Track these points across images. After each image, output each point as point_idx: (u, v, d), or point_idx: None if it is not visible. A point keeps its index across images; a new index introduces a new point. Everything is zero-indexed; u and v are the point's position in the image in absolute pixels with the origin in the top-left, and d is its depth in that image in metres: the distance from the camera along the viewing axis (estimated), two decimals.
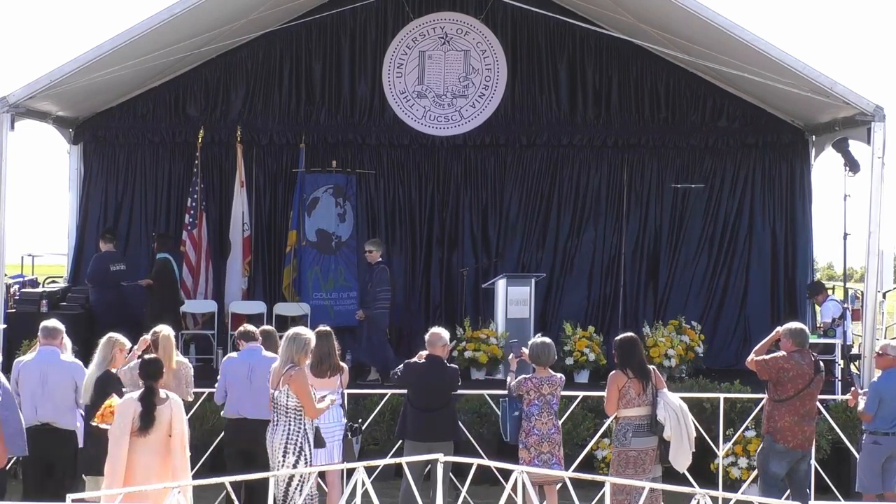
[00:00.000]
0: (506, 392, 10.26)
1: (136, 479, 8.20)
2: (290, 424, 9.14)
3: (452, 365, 10.79)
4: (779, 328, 10.39)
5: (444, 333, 10.41)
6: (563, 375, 10.43)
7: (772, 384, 10.09)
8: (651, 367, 9.98)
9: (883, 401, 10.25)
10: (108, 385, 9.15)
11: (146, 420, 8.29)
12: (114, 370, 9.33)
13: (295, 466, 9.04)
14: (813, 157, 16.63)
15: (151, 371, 8.47)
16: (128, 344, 9.51)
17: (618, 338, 10.06)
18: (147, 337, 9.67)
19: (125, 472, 8.25)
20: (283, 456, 9.10)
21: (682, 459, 9.68)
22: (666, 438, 9.59)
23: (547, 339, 10.33)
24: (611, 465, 9.91)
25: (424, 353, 10.33)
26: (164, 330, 9.54)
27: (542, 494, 10.01)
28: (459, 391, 10.90)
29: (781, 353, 10.15)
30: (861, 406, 10.45)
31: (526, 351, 10.24)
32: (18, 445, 8.98)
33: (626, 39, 15.70)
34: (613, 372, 9.82)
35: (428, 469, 9.95)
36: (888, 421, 10.24)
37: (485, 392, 12.33)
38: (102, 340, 9.44)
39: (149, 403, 8.33)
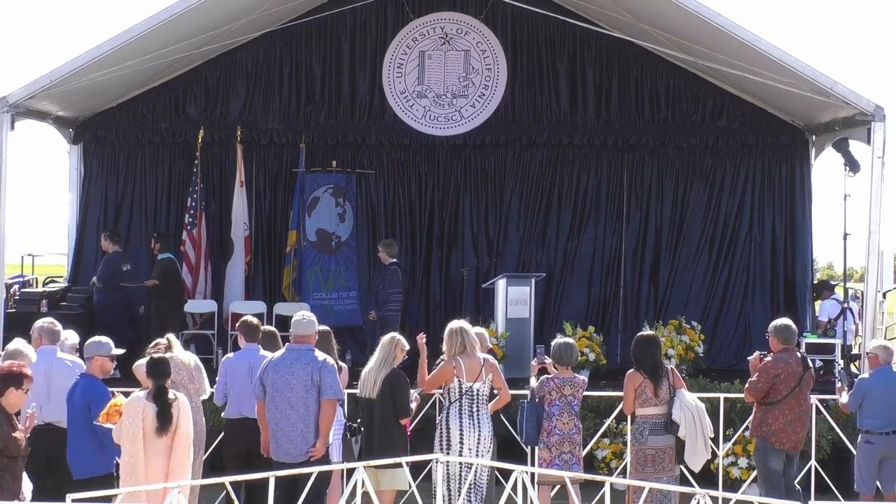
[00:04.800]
0: (527, 394, 10.20)
1: (148, 480, 8.20)
2: (488, 415, 9.53)
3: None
4: (750, 357, 10.35)
5: (483, 331, 10.36)
6: (585, 378, 10.39)
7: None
8: (670, 366, 9.95)
9: (868, 398, 10.24)
10: (400, 382, 9.36)
11: (164, 419, 8.31)
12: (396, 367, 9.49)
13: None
14: (813, 157, 16.63)
15: (162, 371, 8.47)
16: (407, 345, 9.62)
17: (636, 336, 10.03)
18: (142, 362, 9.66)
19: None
20: (491, 442, 9.47)
21: (696, 459, 9.65)
22: (681, 438, 9.56)
23: (570, 340, 10.30)
24: (629, 463, 9.88)
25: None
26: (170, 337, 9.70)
27: (547, 495, 9.99)
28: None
29: (767, 359, 10.09)
30: (844, 399, 10.46)
31: (549, 360, 10.16)
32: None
33: (626, 39, 15.69)
34: (630, 371, 9.77)
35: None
36: (880, 420, 10.22)
37: None
38: (385, 339, 9.57)
39: (164, 403, 8.35)
